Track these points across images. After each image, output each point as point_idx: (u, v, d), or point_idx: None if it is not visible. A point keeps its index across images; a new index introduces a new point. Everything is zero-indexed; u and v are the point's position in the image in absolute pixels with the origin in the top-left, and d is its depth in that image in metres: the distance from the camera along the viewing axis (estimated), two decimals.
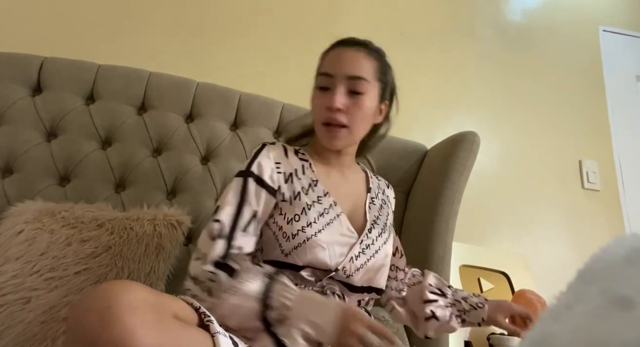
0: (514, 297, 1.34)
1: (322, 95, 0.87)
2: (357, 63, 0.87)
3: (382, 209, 0.94)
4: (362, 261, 0.82)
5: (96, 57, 1.36)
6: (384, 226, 0.91)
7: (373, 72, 0.88)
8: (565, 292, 0.23)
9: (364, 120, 0.88)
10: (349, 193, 0.91)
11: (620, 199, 1.92)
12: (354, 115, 0.85)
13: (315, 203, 0.82)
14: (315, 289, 0.79)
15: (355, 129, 0.87)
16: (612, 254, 0.22)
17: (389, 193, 1.03)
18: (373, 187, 0.97)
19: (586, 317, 0.20)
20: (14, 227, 1.06)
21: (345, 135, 0.87)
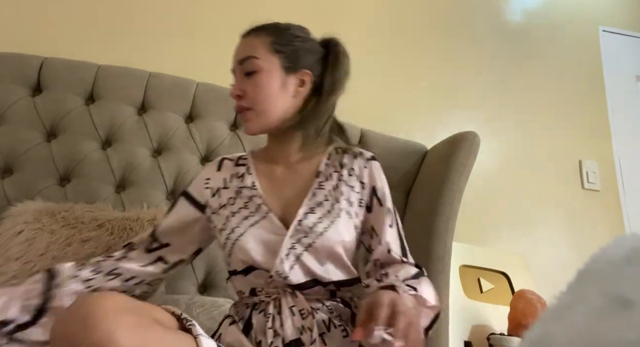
0: (514, 297, 1.35)
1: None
2: (245, 47, 0.88)
3: (336, 188, 0.86)
4: (297, 253, 0.77)
5: (96, 57, 1.36)
6: (332, 207, 0.83)
7: (266, 48, 0.85)
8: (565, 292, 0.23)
9: (268, 97, 0.84)
10: (290, 187, 0.86)
11: (620, 199, 1.92)
12: (253, 95, 0.84)
13: (241, 209, 0.83)
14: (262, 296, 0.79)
15: (260, 108, 0.84)
16: (612, 255, 0.22)
17: (358, 164, 0.90)
18: (323, 170, 0.88)
19: (586, 317, 0.20)
20: (14, 227, 1.06)
21: (254, 117, 0.85)
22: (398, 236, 0.87)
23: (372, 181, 0.89)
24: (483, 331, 1.36)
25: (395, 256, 0.84)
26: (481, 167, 1.58)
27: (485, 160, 1.76)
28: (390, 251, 0.84)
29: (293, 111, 0.87)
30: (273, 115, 0.85)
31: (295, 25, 0.92)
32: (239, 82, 0.86)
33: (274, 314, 0.75)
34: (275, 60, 0.85)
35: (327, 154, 0.92)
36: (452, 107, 1.86)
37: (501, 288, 1.49)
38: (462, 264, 1.49)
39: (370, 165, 0.91)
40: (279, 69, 0.85)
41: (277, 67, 0.85)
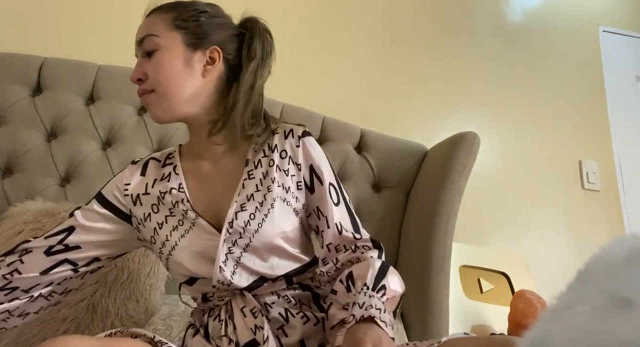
0: (514, 298, 1.34)
1: None
2: (144, 26, 0.80)
3: (267, 175, 0.78)
4: (235, 256, 0.73)
5: (96, 57, 1.36)
6: (264, 197, 0.76)
7: (166, 24, 0.77)
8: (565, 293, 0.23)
9: (170, 77, 0.75)
10: (219, 184, 0.79)
11: (620, 199, 1.92)
12: (154, 76, 0.75)
13: (168, 218, 0.77)
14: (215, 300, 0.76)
15: (163, 89, 0.74)
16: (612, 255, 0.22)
17: (290, 143, 0.81)
18: (251, 157, 0.80)
19: (586, 318, 0.20)
20: (14, 227, 1.06)
21: (155, 99, 0.75)
22: (347, 212, 0.80)
23: (308, 159, 0.80)
24: (483, 331, 1.36)
25: (348, 235, 0.78)
26: (481, 167, 1.58)
27: (485, 160, 1.76)
28: (342, 231, 0.78)
29: (205, 94, 0.77)
30: (178, 96, 0.75)
31: (202, 2, 0.82)
32: (139, 64, 0.77)
33: (226, 318, 0.74)
34: (177, 36, 0.76)
35: (258, 134, 0.81)
36: (452, 107, 1.86)
37: (501, 288, 1.49)
38: (462, 264, 1.49)
39: (303, 142, 0.81)
40: (181, 46, 0.76)
41: (179, 43, 0.76)
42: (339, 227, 0.78)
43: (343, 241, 0.79)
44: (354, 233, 0.79)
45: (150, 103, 0.76)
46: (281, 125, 0.83)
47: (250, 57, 0.79)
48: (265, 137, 0.81)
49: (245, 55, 0.80)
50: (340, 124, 1.41)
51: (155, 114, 0.76)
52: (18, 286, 0.75)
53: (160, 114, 0.76)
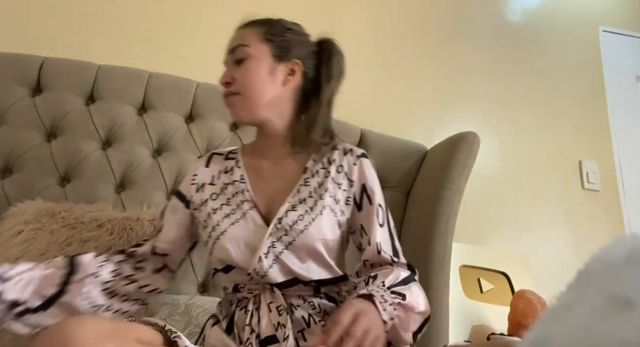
0: (514, 298, 1.35)
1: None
2: (238, 36, 0.89)
3: (321, 185, 0.84)
4: (277, 251, 0.77)
5: (96, 57, 1.36)
6: (315, 203, 0.81)
7: (257, 36, 0.87)
8: (565, 293, 0.23)
9: (256, 83, 0.84)
10: (276, 183, 0.86)
11: (620, 199, 1.92)
12: (242, 81, 0.84)
13: (223, 206, 0.83)
14: (245, 292, 0.79)
15: (248, 93, 0.84)
16: (612, 255, 0.22)
17: (348, 161, 0.88)
18: (310, 166, 0.87)
19: (586, 318, 0.20)
20: (14, 227, 1.06)
21: (240, 101, 0.84)
22: (389, 236, 0.86)
23: (362, 178, 0.87)
24: (483, 331, 1.36)
25: (386, 257, 0.82)
26: (481, 167, 1.58)
27: (485, 160, 1.76)
28: (381, 252, 0.82)
29: (282, 101, 0.87)
30: (259, 101, 0.84)
31: (288, 20, 0.94)
32: (228, 70, 0.87)
33: (253, 310, 0.76)
34: (265, 48, 0.86)
35: (317, 149, 0.89)
36: (452, 107, 1.86)
37: (501, 288, 1.49)
38: (462, 264, 1.49)
39: (360, 162, 0.88)
40: (269, 56, 0.85)
41: (267, 54, 0.85)
42: (379, 246, 0.83)
43: (380, 260, 0.83)
44: (392, 256, 0.83)
45: (234, 104, 0.85)
46: (342, 143, 0.92)
47: (329, 75, 0.89)
48: (326, 150, 0.88)
49: (325, 73, 0.89)
50: (340, 123, 1.41)
51: (238, 114, 0.85)
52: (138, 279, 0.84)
53: (242, 114, 0.85)
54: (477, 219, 1.71)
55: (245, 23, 0.91)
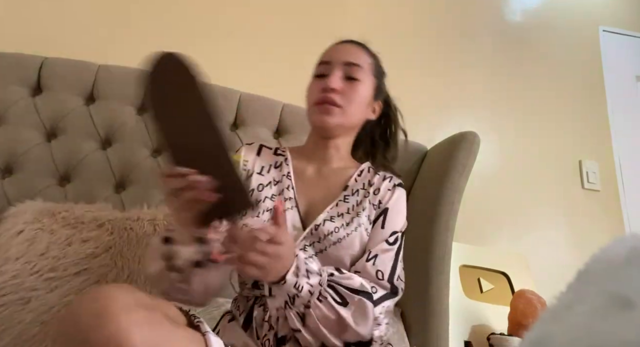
0: (514, 298, 1.35)
1: (318, 82, 0.91)
2: (354, 52, 0.93)
3: (359, 204, 0.88)
4: (307, 254, 0.78)
5: (96, 57, 1.36)
6: (352, 220, 0.84)
7: (369, 66, 0.93)
8: (565, 293, 0.23)
9: (358, 106, 0.91)
10: (317, 191, 0.89)
11: (620, 199, 1.92)
12: (349, 97, 0.88)
13: (267, 199, 0.86)
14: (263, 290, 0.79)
15: (348, 110, 0.89)
16: (612, 255, 0.22)
17: (385, 186, 0.92)
18: (352, 185, 0.92)
19: (586, 317, 0.20)
20: (14, 227, 1.06)
21: (338, 114, 0.88)
22: (394, 257, 0.83)
23: (389, 203, 0.90)
24: (483, 331, 1.36)
25: (371, 269, 0.79)
26: (481, 167, 1.58)
27: (485, 160, 1.76)
28: (370, 261, 0.80)
29: (358, 127, 0.97)
30: (351, 123, 0.92)
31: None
32: (338, 78, 0.89)
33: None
34: (372, 80, 0.94)
35: (360, 170, 0.95)
36: (452, 107, 1.86)
37: (501, 288, 1.49)
38: (462, 264, 1.49)
39: (395, 190, 0.92)
40: (371, 89, 0.93)
41: (371, 87, 0.93)
42: (369, 255, 0.81)
43: (364, 269, 0.79)
44: (380, 272, 0.79)
45: (332, 113, 0.88)
46: (384, 171, 0.98)
47: (396, 120, 1.04)
48: (371, 175, 0.94)
49: (393, 117, 1.04)
50: None
51: (329, 122, 0.88)
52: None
53: (333, 124, 0.89)
54: (477, 219, 1.71)
55: (358, 42, 0.97)
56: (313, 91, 0.91)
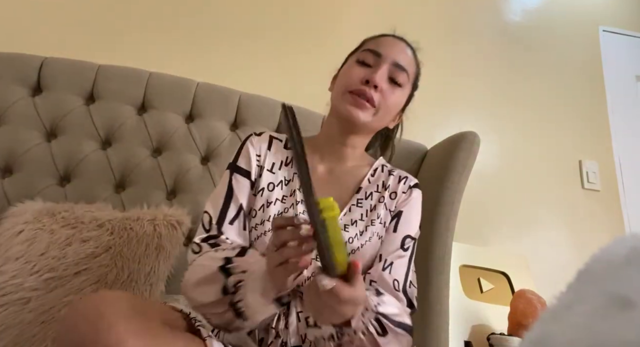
0: (514, 298, 1.34)
1: (360, 69, 0.84)
2: (407, 56, 0.88)
3: (373, 209, 0.84)
4: (318, 264, 0.72)
5: (96, 57, 1.36)
6: (366, 228, 0.81)
7: (413, 75, 0.89)
8: (565, 293, 0.23)
9: (390, 112, 0.87)
10: (328, 191, 0.85)
11: (620, 199, 1.92)
12: (387, 101, 0.83)
13: (277, 201, 0.81)
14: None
15: (381, 114, 0.83)
16: (612, 255, 0.22)
17: (401, 189, 0.88)
18: (365, 187, 0.87)
19: (586, 318, 0.20)
20: (14, 227, 1.06)
21: (371, 114, 0.82)
22: (407, 263, 0.81)
23: (403, 206, 0.86)
24: (483, 331, 1.36)
25: (388, 279, 0.77)
26: (481, 167, 1.58)
27: (485, 160, 1.76)
28: (386, 270, 0.78)
29: (381, 130, 0.93)
30: (377, 127, 0.88)
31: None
32: (385, 78, 0.83)
33: (281, 313, 0.74)
34: (409, 92, 0.90)
35: (373, 169, 0.90)
36: (452, 107, 1.86)
37: (501, 288, 1.49)
38: (462, 264, 1.49)
39: (411, 192, 0.88)
40: (405, 100, 0.91)
41: (407, 97, 0.90)
42: (385, 264, 0.78)
43: (382, 280, 0.77)
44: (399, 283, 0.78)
45: (365, 111, 0.82)
46: (398, 170, 0.94)
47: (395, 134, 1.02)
48: (385, 176, 0.89)
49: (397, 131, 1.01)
50: None
51: (359, 118, 0.82)
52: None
53: (364, 121, 0.83)
54: (477, 219, 1.71)
55: (412, 46, 0.92)
56: (352, 77, 0.83)
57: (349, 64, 0.88)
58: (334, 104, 0.87)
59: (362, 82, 0.82)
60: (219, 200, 0.81)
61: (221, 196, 0.81)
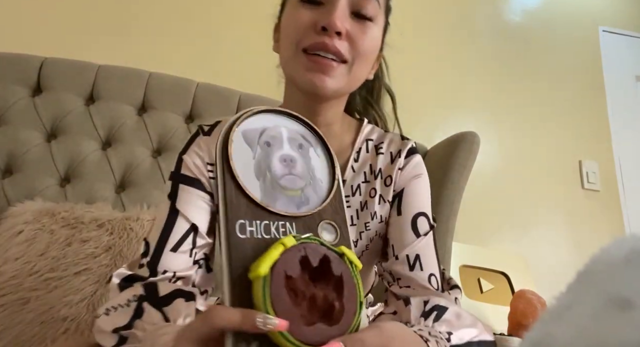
0: (514, 298, 1.34)
1: (308, 11, 0.58)
2: None
3: (364, 208, 0.65)
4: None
5: (96, 57, 1.36)
6: (360, 236, 0.64)
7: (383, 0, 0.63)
8: (564, 293, 0.23)
9: (367, 60, 0.61)
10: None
11: (620, 199, 1.92)
12: (359, 47, 0.58)
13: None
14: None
15: (356, 68, 0.59)
16: (612, 255, 0.22)
17: (397, 166, 0.67)
18: (350, 179, 0.66)
19: (585, 318, 0.20)
20: (14, 227, 1.06)
21: (341, 74, 0.58)
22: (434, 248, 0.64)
23: (403, 183, 0.67)
24: None
25: (422, 277, 0.60)
26: (481, 167, 1.58)
27: (485, 160, 1.76)
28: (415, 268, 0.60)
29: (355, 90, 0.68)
30: (356, 84, 0.63)
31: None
32: (345, 18, 0.57)
33: None
34: (383, 22, 0.65)
35: (356, 151, 0.68)
36: (452, 107, 1.86)
37: (501, 288, 1.49)
38: (462, 264, 1.49)
39: (407, 164, 0.67)
40: (382, 31, 0.64)
41: (382, 28, 0.64)
42: (410, 260, 0.60)
43: (417, 285, 0.60)
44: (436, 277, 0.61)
45: (333, 73, 0.57)
46: (388, 137, 0.70)
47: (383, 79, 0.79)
48: (369, 155, 0.68)
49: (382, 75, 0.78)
50: None
51: (329, 87, 0.58)
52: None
53: (335, 88, 0.58)
54: (477, 219, 1.71)
55: None
56: (300, 27, 0.58)
57: (291, 5, 0.61)
58: (286, 71, 0.63)
59: (316, 31, 0.56)
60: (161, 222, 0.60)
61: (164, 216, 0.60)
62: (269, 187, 0.40)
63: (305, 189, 0.42)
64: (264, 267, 0.34)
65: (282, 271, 0.34)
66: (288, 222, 0.39)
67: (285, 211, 0.39)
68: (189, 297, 0.53)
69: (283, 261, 0.35)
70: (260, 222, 0.38)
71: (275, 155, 0.42)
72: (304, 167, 0.43)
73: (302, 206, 0.41)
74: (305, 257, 0.36)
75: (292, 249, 0.36)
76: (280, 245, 0.35)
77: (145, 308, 0.51)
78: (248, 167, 0.40)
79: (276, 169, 0.41)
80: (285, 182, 0.41)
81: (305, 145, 0.45)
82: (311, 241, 0.38)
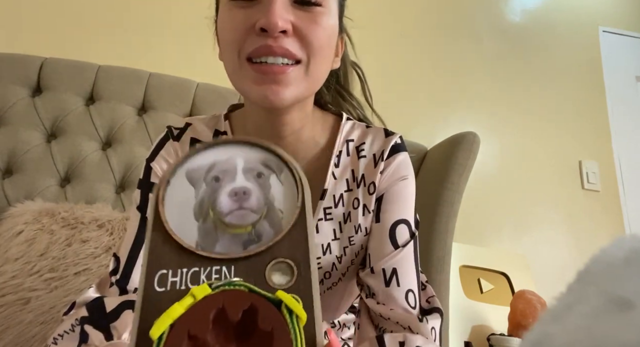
0: (514, 298, 1.35)
1: (240, 12, 0.48)
2: None
3: (347, 220, 0.58)
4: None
5: (96, 57, 1.36)
6: (344, 252, 0.58)
7: None
8: (564, 293, 0.23)
9: (326, 52, 0.51)
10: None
11: (620, 199, 1.92)
12: (312, 39, 0.48)
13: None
14: None
15: (314, 65, 0.50)
16: (612, 255, 0.22)
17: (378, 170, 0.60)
18: (331, 189, 0.58)
19: (585, 318, 0.20)
20: (14, 227, 1.06)
21: (299, 78, 0.49)
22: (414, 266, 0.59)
23: (384, 188, 0.60)
24: (483, 331, 1.36)
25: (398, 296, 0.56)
26: (481, 167, 1.58)
27: (485, 160, 1.76)
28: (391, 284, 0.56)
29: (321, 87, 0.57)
30: (320, 82, 0.53)
31: None
32: (282, 6, 0.47)
33: None
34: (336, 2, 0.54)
35: (336, 155, 0.60)
36: (452, 107, 1.86)
37: (501, 288, 1.49)
38: (462, 264, 1.49)
39: (389, 165, 0.60)
40: (337, 17, 0.54)
41: (336, 12, 0.54)
42: (386, 275, 0.55)
43: (394, 303, 0.56)
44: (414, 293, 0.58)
45: (286, 81, 0.48)
46: (370, 134, 0.62)
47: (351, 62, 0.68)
48: (350, 159, 0.60)
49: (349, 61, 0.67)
50: None
51: (288, 96, 0.49)
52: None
53: (293, 97, 0.50)
54: (477, 219, 1.71)
55: None
56: (235, 32, 0.49)
57: (223, 5, 0.52)
58: (235, 85, 0.53)
59: (256, 33, 0.47)
60: (131, 236, 0.56)
61: (134, 229, 0.56)
62: (209, 227, 0.34)
63: (258, 224, 0.35)
64: (158, 328, 0.28)
65: (184, 331, 0.28)
66: (225, 266, 0.32)
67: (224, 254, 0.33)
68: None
69: (186, 317, 0.28)
70: (187, 270, 0.31)
71: (224, 190, 0.36)
72: (259, 199, 0.36)
73: (250, 244, 0.34)
74: (222, 309, 0.29)
75: (203, 301, 0.29)
76: (190, 297, 0.29)
77: (88, 331, 0.48)
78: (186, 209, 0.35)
79: (222, 205, 0.35)
80: (232, 219, 0.35)
81: (265, 173, 0.38)
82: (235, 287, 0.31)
